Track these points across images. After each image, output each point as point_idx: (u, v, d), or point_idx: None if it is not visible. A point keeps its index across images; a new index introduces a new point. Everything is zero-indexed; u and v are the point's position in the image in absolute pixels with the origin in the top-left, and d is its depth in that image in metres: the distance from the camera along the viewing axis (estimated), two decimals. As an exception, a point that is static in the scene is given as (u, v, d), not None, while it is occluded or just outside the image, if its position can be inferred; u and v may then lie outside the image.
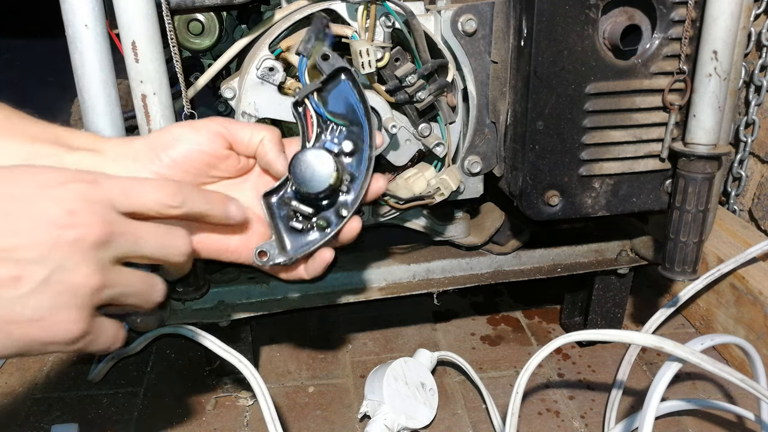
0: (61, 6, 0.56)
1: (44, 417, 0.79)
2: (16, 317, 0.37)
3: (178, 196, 0.45)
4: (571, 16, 0.63)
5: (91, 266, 0.39)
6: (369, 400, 0.77)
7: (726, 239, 0.93)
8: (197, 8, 0.65)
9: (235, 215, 0.50)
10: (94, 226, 0.39)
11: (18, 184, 0.39)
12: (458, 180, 0.70)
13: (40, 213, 0.38)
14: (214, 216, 0.48)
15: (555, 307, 1.02)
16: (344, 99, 0.53)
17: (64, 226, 0.38)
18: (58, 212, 0.38)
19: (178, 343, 0.93)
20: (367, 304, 0.82)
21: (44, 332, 0.38)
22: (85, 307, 0.40)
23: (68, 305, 0.39)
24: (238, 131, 0.51)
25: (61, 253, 0.38)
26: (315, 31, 0.54)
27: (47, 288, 0.38)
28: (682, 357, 0.61)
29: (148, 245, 0.43)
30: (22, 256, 0.37)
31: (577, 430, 0.78)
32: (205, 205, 0.47)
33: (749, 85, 0.98)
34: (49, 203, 0.38)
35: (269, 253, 0.52)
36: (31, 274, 0.37)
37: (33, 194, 0.38)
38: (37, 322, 0.38)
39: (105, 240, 0.40)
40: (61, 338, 0.39)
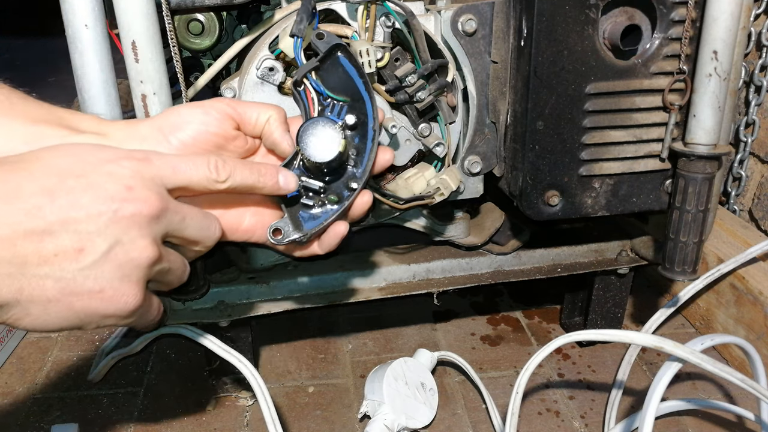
0: (61, 6, 0.56)
1: (44, 417, 0.79)
2: (78, 288, 0.38)
3: (224, 170, 0.45)
4: (571, 16, 0.63)
5: (147, 239, 0.40)
6: (369, 400, 0.77)
7: (726, 239, 0.93)
8: (197, 8, 0.65)
9: (288, 184, 0.50)
10: (151, 200, 0.40)
11: (77, 161, 0.39)
12: (458, 180, 0.70)
13: (99, 188, 0.39)
14: (265, 187, 0.48)
15: (555, 307, 1.02)
16: (343, 75, 0.54)
17: (122, 200, 0.39)
18: (116, 187, 0.39)
19: (178, 343, 0.93)
20: (367, 304, 0.82)
21: (104, 304, 0.39)
22: (141, 280, 0.41)
23: (128, 277, 0.40)
24: (246, 111, 0.51)
25: (120, 226, 0.39)
26: (305, 11, 0.54)
27: (108, 260, 0.38)
28: (682, 357, 0.61)
29: (191, 225, 0.44)
30: (84, 228, 0.38)
31: (577, 430, 0.78)
32: (252, 176, 0.47)
33: (749, 85, 0.98)
34: (106, 179, 0.39)
35: (284, 231, 0.51)
36: (93, 245, 0.38)
37: (91, 170, 0.39)
38: (98, 294, 0.39)
39: (159, 215, 0.41)
40: (120, 310, 0.40)
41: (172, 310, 0.76)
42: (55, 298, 0.37)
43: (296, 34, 0.54)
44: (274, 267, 0.79)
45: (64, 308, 0.38)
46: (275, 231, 0.51)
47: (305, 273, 0.79)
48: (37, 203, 0.37)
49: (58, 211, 0.37)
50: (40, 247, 0.36)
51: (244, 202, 0.52)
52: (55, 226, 0.37)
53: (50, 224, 0.37)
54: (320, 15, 0.65)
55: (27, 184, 0.37)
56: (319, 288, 0.79)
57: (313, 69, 0.53)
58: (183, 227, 0.44)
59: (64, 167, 0.39)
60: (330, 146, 0.50)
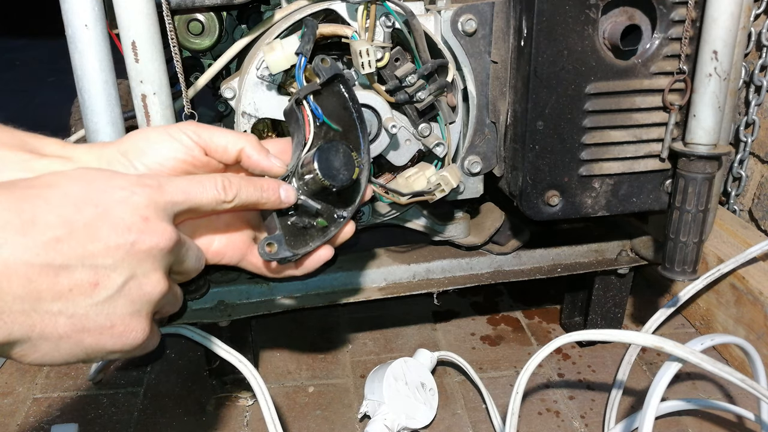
0: (61, 6, 0.56)
1: (44, 417, 0.79)
2: (89, 324, 0.37)
3: (231, 190, 0.45)
4: (571, 16, 0.63)
5: (160, 273, 0.40)
6: (369, 400, 0.77)
7: (726, 239, 0.93)
8: (197, 8, 0.65)
9: (288, 198, 0.50)
10: (168, 233, 0.40)
11: (92, 189, 0.38)
12: (459, 177, 0.70)
13: (116, 218, 0.38)
14: (268, 203, 0.49)
15: (555, 307, 1.02)
16: (339, 104, 0.54)
17: (140, 231, 0.38)
18: (133, 219, 0.38)
19: (178, 343, 0.93)
20: (367, 304, 0.82)
21: (112, 340, 0.38)
22: (150, 314, 0.40)
23: (139, 312, 0.39)
24: (213, 139, 0.49)
25: (136, 259, 0.38)
26: (311, 32, 0.55)
27: (122, 295, 0.38)
28: (682, 357, 0.61)
29: (190, 256, 0.44)
30: (100, 263, 0.37)
31: (577, 430, 0.78)
32: (256, 193, 0.47)
33: (749, 85, 0.98)
34: (123, 208, 0.38)
35: (277, 246, 0.51)
36: (108, 280, 0.37)
37: (106, 198, 0.38)
38: (108, 330, 0.38)
39: (173, 247, 0.40)
40: (128, 345, 0.39)
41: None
42: (66, 334, 0.36)
43: (302, 53, 0.54)
44: (274, 267, 0.79)
45: (73, 344, 0.37)
46: (269, 245, 0.51)
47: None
48: (55, 235, 0.36)
49: (76, 245, 0.36)
50: (55, 282, 0.35)
51: (213, 226, 0.52)
52: (72, 261, 0.36)
53: (68, 258, 0.36)
54: (320, 15, 0.65)
55: (44, 214, 0.36)
56: (319, 288, 0.79)
57: (314, 92, 0.53)
58: (185, 258, 0.44)
59: (79, 195, 0.38)
60: (349, 170, 0.51)
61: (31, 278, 0.34)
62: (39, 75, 2.38)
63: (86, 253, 0.36)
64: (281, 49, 0.60)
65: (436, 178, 0.68)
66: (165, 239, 0.39)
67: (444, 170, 0.69)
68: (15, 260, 0.34)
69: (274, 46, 0.59)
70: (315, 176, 0.51)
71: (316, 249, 0.53)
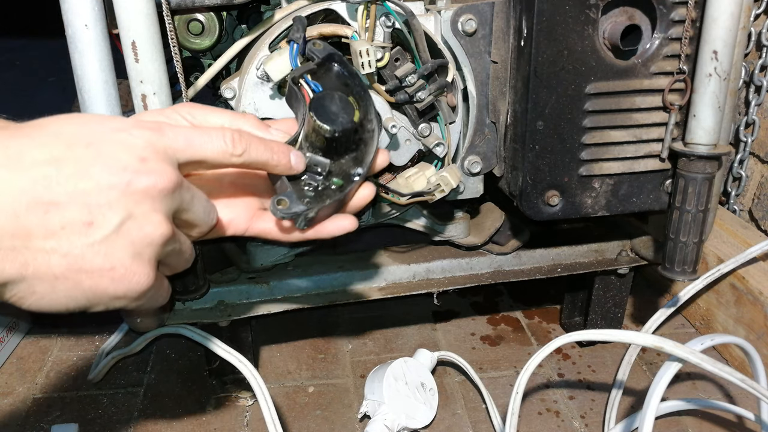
0: (61, 6, 0.56)
1: (44, 417, 0.79)
2: (87, 265, 0.35)
3: (241, 143, 0.43)
4: (571, 16, 0.63)
5: (161, 215, 0.37)
6: (369, 400, 0.77)
7: (726, 239, 0.93)
8: (197, 8, 0.65)
9: (298, 164, 0.47)
10: (167, 173, 0.37)
11: (85, 129, 0.37)
12: (458, 177, 0.70)
13: (110, 158, 0.36)
14: (276, 166, 0.46)
15: (555, 307, 1.02)
16: (341, 83, 0.53)
17: (135, 171, 0.36)
18: (129, 158, 0.36)
19: (178, 343, 0.93)
20: (367, 304, 0.82)
21: (114, 284, 0.36)
22: (153, 259, 0.38)
23: (140, 255, 0.37)
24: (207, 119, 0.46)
25: (133, 200, 0.36)
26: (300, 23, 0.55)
27: (120, 236, 0.36)
28: (682, 357, 0.61)
29: (197, 205, 0.42)
30: (94, 201, 0.35)
31: (577, 430, 0.78)
32: (266, 153, 0.45)
33: (749, 85, 0.98)
34: (117, 148, 0.36)
35: (289, 201, 0.47)
36: (103, 219, 0.35)
37: (101, 138, 0.36)
38: (108, 272, 0.36)
39: (174, 189, 0.38)
40: (131, 291, 0.37)
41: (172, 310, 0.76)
42: (63, 275, 0.35)
43: (294, 40, 0.54)
44: (274, 267, 0.79)
45: (72, 286, 0.35)
46: (280, 201, 0.47)
47: (305, 273, 0.79)
48: (43, 172, 0.34)
49: (66, 182, 0.34)
50: (45, 219, 0.34)
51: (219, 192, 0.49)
52: (62, 197, 0.34)
53: (57, 195, 0.34)
54: (320, 15, 0.65)
55: (31, 150, 0.34)
56: (319, 288, 0.79)
57: (310, 71, 0.52)
58: (191, 206, 0.41)
59: (70, 135, 0.36)
60: (345, 114, 0.48)
61: (19, 214, 0.33)
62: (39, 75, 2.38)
63: (78, 191, 0.35)
64: (279, 55, 0.60)
65: (436, 179, 0.68)
66: (164, 180, 0.37)
67: (444, 170, 0.69)
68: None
69: (273, 56, 0.60)
70: (314, 125, 0.48)
71: (332, 205, 0.49)
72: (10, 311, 0.92)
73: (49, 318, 0.98)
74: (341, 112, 0.49)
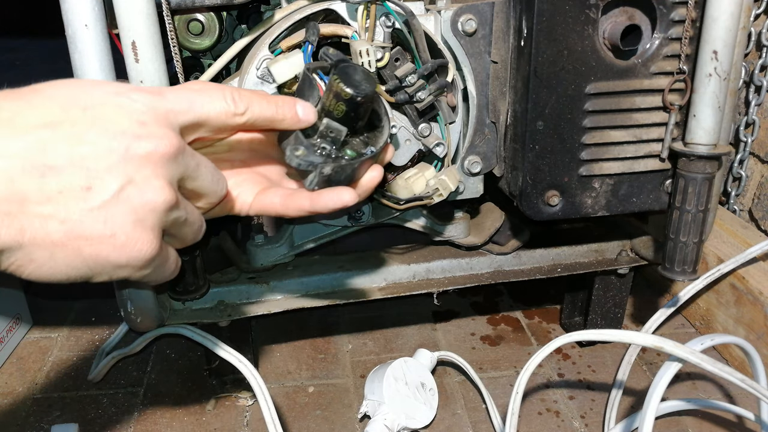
0: (61, 6, 0.56)
1: (44, 417, 0.79)
2: (86, 232, 0.34)
3: (242, 101, 0.41)
4: (571, 16, 0.63)
5: (163, 180, 0.36)
6: (369, 400, 0.77)
7: (726, 239, 0.93)
8: (197, 8, 0.65)
9: (307, 115, 0.45)
10: (168, 138, 0.36)
11: (82, 93, 0.35)
12: (457, 181, 0.70)
13: (109, 122, 0.35)
14: (282, 119, 0.44)
15: (555, 307, 1.02)
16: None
17: (135, 136, 0.35)
18: (128, 123, 0.35)
19: (178, 343, 0.93)
20: (367, 304, 0.82)
21: (116, 251, 0.35)
22: (157, 227, 0.37)
23: (142, 222, 0.35)
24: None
25: (133, 165, 0.35)
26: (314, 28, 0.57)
27: (120, 201, 0.34)
28: (682, 357, 0.61)
29: (204, 174, 0.40)
30: (92, 165, 0.33)
31: (577, 430, 0.78)
32: (270, 108, 0.43)
33: (749, 85, 0.98)
34: (116, 111, 0.35)
35: (305, 150, 0.45)
36: (102, 184, 0.34)
37: (99, 102, 0.35)
38: (109, 239, 0.34)
39: (176, 155, 0.37)
40: (134, 259, 0.36)
41: (172, 310, 0.76)
42: (61, 241, 0.33)
43: (308, 41, 0.56)
44: (274, 267, 0.79)
45: (71, 254, 0.34)
46: (297, 148, 0.45)
47: (305, 273, 0.79)
48: (38, 136, 0.33)
49: (62, 145, 0.33)
50: (42, 184, 0.32)
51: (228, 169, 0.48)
52: (58, 161, 0.33)
53: (53, 159, 0.33)
54: (320, 15, 0.66)
55: (25, 113, 0.33)
56: (319, 288, 0.79)
57: (323, 68, 0.52)
58: (197, 174, 0.39)
59: (66, 98, 0.35)
60: (367, 84, 0.47)
61: (13, 177, 0.32)
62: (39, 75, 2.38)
63: (75, 155, 0.33)
64: (284, 58, 0.60)
65: (435, 182, 0.68)
66: (165, 145, 0.36)
67: (442, 173, 0.69)
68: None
69: (279, 58, 0.60)
70: (337, 88, 0.46)
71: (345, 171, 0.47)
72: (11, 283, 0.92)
73: (48, 318, 0.98)
74: (364, 82, 0.48)
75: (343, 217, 0.75)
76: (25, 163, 0.32)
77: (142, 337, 0.82)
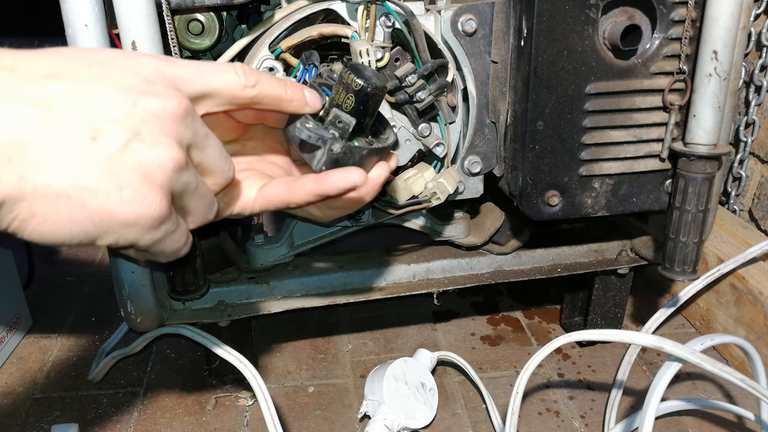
0: (61, 6, 0.56)
1: (44, 417, 0.79)
2: (91, 183, 0.32)
3: (252, 75, 0.40)
4: (571, 16, 0.63)
5: (171, 139, 0.34)
6: (369, 400, 0.77)
7: (726, 239, 0.93)
8: (197, 8, 0.65)
9: (314, 100, 0.44)
10: (175, 98, 0.35)
11: (88, 53, 0.34)
12: (456, 183, 0.70)
13: (115, 78, 0.33)
14: (291, 100, 0.43)
15: (555, 307, 1.02)
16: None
17: (142, 92, 0.34)
18: (135, 80, 0.34)
19: (178, 343, 0.93)
20: (367, 304, 0.82)
21: (123, 206, 0.33)
22: (165, 186, 0.35)
23: (150, 178, 0.33)
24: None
25: (140, 120, 0.33)
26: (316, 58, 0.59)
27: (126, 156, 0.32)
28: (682, 357, 0.61)
29: (213, 146, 0.39)
30: (97, 115, 0.32)
31: (577, 430, 0.78)
32: (279, 87, 0.42)
33: (749, 85, 0.98)
34: (124, 71, 0.34)
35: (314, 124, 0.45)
36: (107, 136, 0.32)
37: (106, 61, 0.34)
38: (117, 193, 0.32)
39: (185, 116, 0.35)
40: (143, 216, 0.34)
41: (172, 310, 0.76)
42: (65, 192, 0.31)
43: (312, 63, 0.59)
44: (274, 267, 0.79)
45: (76, 207, 0.32)
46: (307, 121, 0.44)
47: (305, 273, 0.79)
48: (41, 84, 0.31)
49: (66, 96, 0.32)
50: (43, 131, 0.31)
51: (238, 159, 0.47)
52: (61, 110, 0.31)
53: (55, 107, 0.31)
54: (320, 15, 0.65)
55: (28, 64, 0.32)
56: (319, 288, 0.79)
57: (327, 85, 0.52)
58: (206, 145, 0.38)
59: (72, 55, 0.33)
60: (377, 79, 0.47)
61: (13, 123, 0.30)
62: (39, 75, 2.38)
63: (78, 105, 0.32)
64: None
65: (433, 185, 0.68)
66: (173, 103, 0.34)
67: (441, 176, 0.69)
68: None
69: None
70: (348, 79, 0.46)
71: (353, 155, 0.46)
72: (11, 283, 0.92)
73: (48, 318, 0.98)
74: (374, 77, 0.47)
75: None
76: (26, 109, 0.31)
77: (142, 337, 0.82)
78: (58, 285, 1.08)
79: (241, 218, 0.50)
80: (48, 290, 1.06)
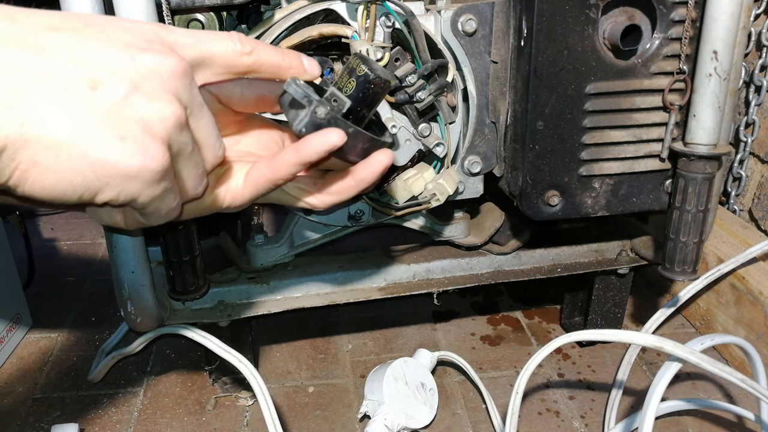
0: (61, 6, 0.56)
1: (44, 417, 0.79)
2: (93, 133, 0.31)
3: (249, 42, 0.40)
4: (571, 16, 0.63)
5: (171, 95, 0.34)
6: (369, 400, 0.77)
7: (726, 239, 0.93)
8: (197, 8, 0.65)
9: (312, 68, 0.44)
10: (174, 57, 0.35)
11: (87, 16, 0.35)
12: (455, 184, 0.70)
13: (113, 36, 0.33)
14: (288, 67, 0.42)
15: (555, 307, 1.02)
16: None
17: (141, 49, 0.34)
18: (134, 38, 0.34)
19: (178, 343, 0.93)
20: (367, 304, 0.82)
21: (126, 157, 0.32)
22: (166, 140, 0.34)
23: (150, 130, 0.33)
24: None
25: (140, 74, 0.33)
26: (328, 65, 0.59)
27: (127, 108, 0.32)
28: (682, 357, 0.61)
29: (208, 117, 0.38)
30: (97, 67, 0.32)
31: (577, 430, 0.78)
32: (276, 54, 0.42)
33: (749, 85, 0.98)
34: (122, 32, 0.34)
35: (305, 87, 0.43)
36: (108, 87, 0.32)
37: (104, 23, 0.34)
38: (119, 143, 0.32)
39: (183, 74, 0.35)
40: (146, 168, 0.33)
41: (172, 310, 0.76)
42: (67, 141, 0.31)
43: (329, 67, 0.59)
44: (274, 267, 0.79)
45: (78, 156, 0.31)
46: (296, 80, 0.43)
47: (305, 273, 0.79)
48: (40, 35, 0.31)
49: (67, 45, 0.31)
50: (43, 80, 0.30)
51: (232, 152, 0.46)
52: (61, 59, 0.31)
53: (54, 57, 0.31)
54: (320, 15, 0.65)
55: (25, 15, 0.32)
56: (319, 288, 0.79)
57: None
58: (200, 115, 0.37)
59: (69, 15, 0.33)
60: (381, 72, 0.46)
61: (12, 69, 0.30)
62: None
63: (78, 56, 0.31)
64: None
65: (433, 186, 0.68)
66: (173, 61, 0.34)
67: (440, 177, 0.69)
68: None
69: None
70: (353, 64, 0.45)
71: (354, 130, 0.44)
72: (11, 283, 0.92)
73: (48, 318, 0.98)
74: (380, 70, 0.47)
75: (343, 217, 0.75)
76: (23, 57, 0.30)
77: (142, 337, 0.82)
78: (58, 285, 1.08)
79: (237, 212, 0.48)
80: (48, 290, 1.06)
